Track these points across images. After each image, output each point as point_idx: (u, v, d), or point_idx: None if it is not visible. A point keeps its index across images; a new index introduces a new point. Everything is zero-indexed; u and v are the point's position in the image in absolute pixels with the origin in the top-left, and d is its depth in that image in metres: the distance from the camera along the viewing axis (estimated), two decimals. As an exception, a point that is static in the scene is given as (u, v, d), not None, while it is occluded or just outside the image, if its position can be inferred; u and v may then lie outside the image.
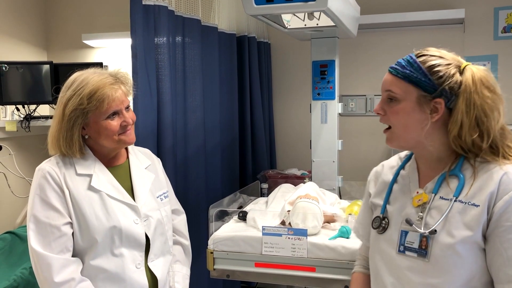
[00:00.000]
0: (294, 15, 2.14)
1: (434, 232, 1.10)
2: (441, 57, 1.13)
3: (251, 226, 1.90)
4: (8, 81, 2.89)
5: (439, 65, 1.11)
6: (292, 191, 2.30)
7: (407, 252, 1.15)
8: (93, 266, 1.34)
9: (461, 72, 1.12)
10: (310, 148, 2.46)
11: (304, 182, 2.35)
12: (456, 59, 1.15)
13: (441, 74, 1.10)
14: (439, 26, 2.98)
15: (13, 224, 2.95)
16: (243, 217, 1.99)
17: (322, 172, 2.43)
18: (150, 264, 1.44)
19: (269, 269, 1.75)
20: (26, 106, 2.97)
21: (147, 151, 1.66)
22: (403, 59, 1.16)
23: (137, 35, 2.04)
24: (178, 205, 1.72)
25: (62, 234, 1.31)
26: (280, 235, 1.74)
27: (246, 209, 2.14)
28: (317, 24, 2.16)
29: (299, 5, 1.77)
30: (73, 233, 1.34)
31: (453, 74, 1.10)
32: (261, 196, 2.62)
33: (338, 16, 1.91)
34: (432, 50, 1.16)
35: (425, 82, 1.11)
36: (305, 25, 2.19)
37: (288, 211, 1.85)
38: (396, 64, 1.17)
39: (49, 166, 1.37)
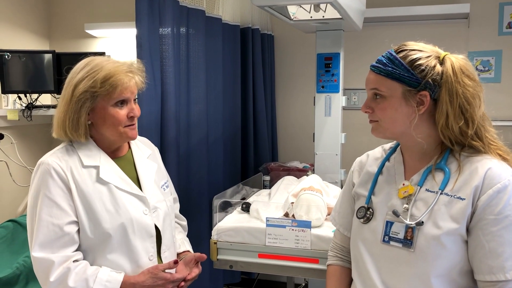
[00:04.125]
0: (301, 6, 2.13)
1: (421, 223, 1.13)
2: (420, 50, 1.15)
3: (255, 218, 1.90)
4: (10, 70, 2.88)
5: (419, 59, 1.13)
6: (295, 183, 2.30)
7: (391, 242, 1.18)
8: (106, 260, 1.31)
9: (441, 62, 1.13)
10: (313, 141, 2.46)
11: (307, 175, 2.35)
12: (435, 50, 1.17)
13: (422, 67, 1.12)
14: (444, 20, 2.97)
15: (15, 212, 2.95)
16: (246, 208, 1.99)
17: (325, 165, 2.43)
18: (162, 256, 1.42)
19: (273, 260, 1.76)
20: (28, 95, 2.96)
21: (145, 140, 1.62)
22: (383, 57, 1.17)
23: (142, 25, 2.03)
24: (176, 194, 1.70)
25: (65, 233, 1.27)
26: (284, 226, 1.74)
27: (249, 200, 2.14)
28: (323, 17, 2.15)
29: (306, -3, 1.76)
30: (78, 230, 1.30)
31: (434, 66, 1.12)
32: (263, 188, 2.63)
33: (345, 9, 1.90)
34: (411, 44, 1.17)
35: (408, 78, 1.13)
36: (311, 17, 2.18)
37: (292, 203, 1.85)
38: (377, 62, 1.18)
39: (53, 160, 1.30)
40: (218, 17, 2.65)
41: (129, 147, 1.50)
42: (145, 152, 1.53)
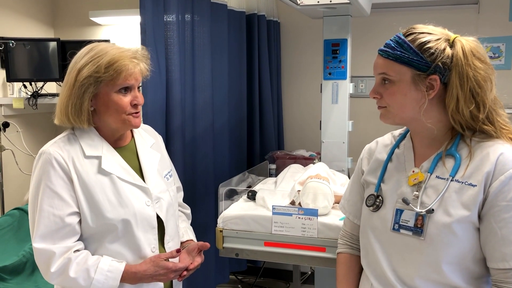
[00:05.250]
0: (307, -9, 2.09)
1: (431, 211, 1.11)
2: (429, 33, 1.12)
3: (261, 206, 1.89)
4: (15, 58, 2.87)
5: (429, 42, 1.10)
6: (301, 171, 2.28)
7: (401, 230, 1.16)
8: (107, 250, 1.30)
9: (451, 45, 1.11)
10: (320, 129, 2.44)
11: (313, 163, 2.33)
12: (444, 33, 1.14)
13: (432, 51, 1.09)
14: (453, 6, 2.91)
15: (21, 200, 2.96)
16: (252, 196, 1.97)
17: (331, 153, 2.40)
18: (166, 247, 1.41)
19: (279, 249, 1.74)
20: (33, 83, 2.96)
21: (149, 128, 1.59)
22: (391, 40, 1.15)
23: (146, 12, 2.00)
24: (179, 183, 1.68)
25: (66, 224, 1.26)
26: (290, 214, 1.72)
27: (255, 188, 2.13)
28: (331, 1, 2.11)
29: (313, -20, 1.72)
30: (80, 221, 1.29)
31: (444, 49, 1.09)
32: (269, 177, 2.61)
33: (353, -7, 1.86)
34: (420, 27, 1.14)
35: (417, 61, 1.10)
36: (318, 2, 2.14)
37: (298, 191, 1.84)
38: (385, 46, 1.15)
39: (54, 150, 1.28)
40: (223, 3, 2.62)
41: (132, 136, 1.47)
42: (148, 141, 1.50)
